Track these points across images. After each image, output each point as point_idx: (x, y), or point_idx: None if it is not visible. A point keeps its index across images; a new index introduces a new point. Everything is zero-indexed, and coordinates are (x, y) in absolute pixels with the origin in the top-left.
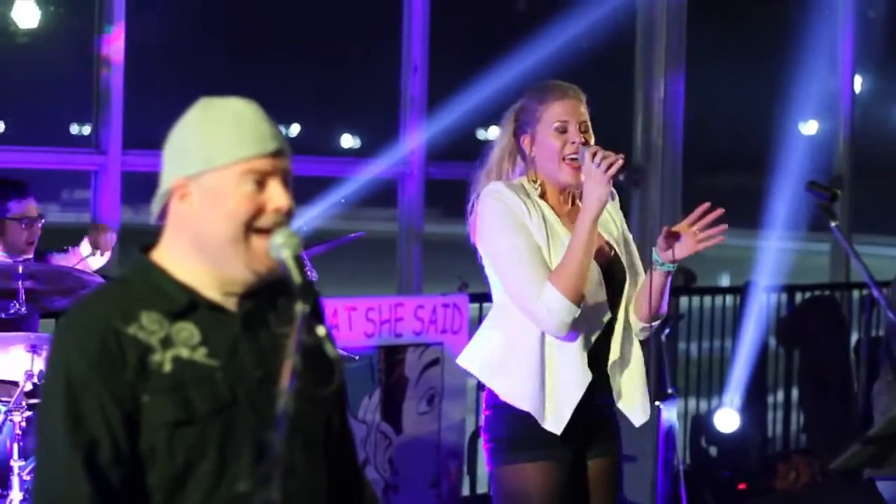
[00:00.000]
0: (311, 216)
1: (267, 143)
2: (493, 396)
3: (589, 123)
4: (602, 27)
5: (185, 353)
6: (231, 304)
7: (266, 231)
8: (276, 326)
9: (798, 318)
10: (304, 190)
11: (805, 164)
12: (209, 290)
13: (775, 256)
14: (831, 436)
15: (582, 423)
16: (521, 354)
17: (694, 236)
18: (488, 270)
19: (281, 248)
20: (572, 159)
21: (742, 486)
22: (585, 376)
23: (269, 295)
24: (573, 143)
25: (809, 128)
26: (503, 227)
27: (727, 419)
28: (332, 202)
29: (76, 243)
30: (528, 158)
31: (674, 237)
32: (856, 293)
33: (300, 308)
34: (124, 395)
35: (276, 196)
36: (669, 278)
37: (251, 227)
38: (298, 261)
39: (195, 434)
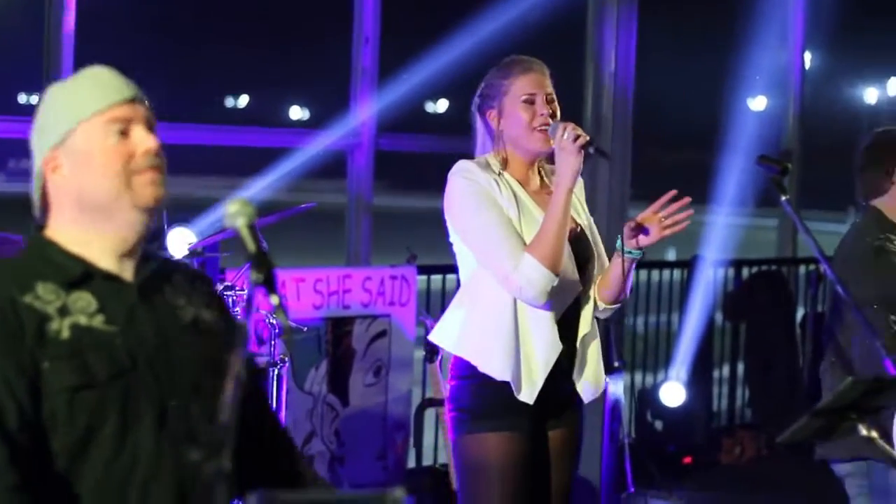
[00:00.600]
0: (261, 187)
1: (123, 91)
2: (459, 367)
3: (554, 95)
4: (553, 0)
5: (82, 320)
6: (127, 272)
7: (142, 171)
8: (172, 298)
9: (745, 293)
10: (253, 161)
11: (754, 140)
12: (103, 258)
13: (723, 231)
14: (776, 411)
15: (548, 394)
16: (495, 327)
17: (660, 223)
18: (458, 248)
19: (235, 216)
20: (542, 129)
21: (687, 460)
22: (556, 347)
23: (165, 269)
24: (542, 114)
25: (758, 103)
26: (475, 203)
27: (673, 393)
28: (281, 173)
29: None
30: (495, 133)
31: (639, 228)
32: (802, 268)
33: (253, 277)
34: (25, 363)
35: (142, 139)
36: (634, 264)
37: (127, 172)
38: (252, 230)
39: (95, 398)
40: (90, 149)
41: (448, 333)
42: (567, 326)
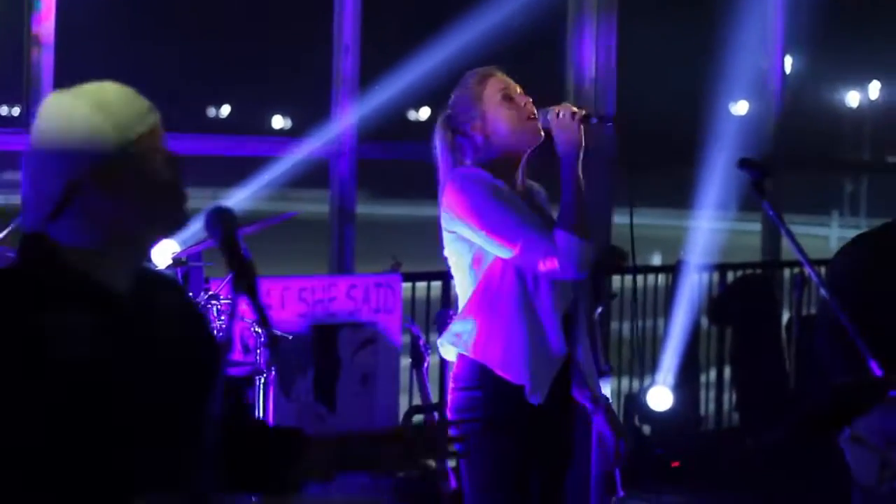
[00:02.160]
0: (243, 196)
1: (149, 117)
2: (465, 378)
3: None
4: (533, 8)
5: (89, 348)
6: (126, 290)
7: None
8: (165, 321)
9: (730, 297)
10: (235, 170)
11: (736, 144)
12: (111, 278)
13: (706, 235)
14: (763, 414)
15: (552, 396)
16: (512, 332)
17: None
18: (459, 257)
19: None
20: (532, 118)
21: (675, 464)
22: (562, 349)
23: (155, 288)
24: (525, 104)
25: (740, 108)
26: (490, 197)
27: (660, 397)
28: (263, 182)
29: None
30: (482, 144)
31: None
32: (787, 272)
33: (236, 286)
34: (45, 386)
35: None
36: None
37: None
38: (234, 238)
39: (102, 431)
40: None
41: (461, 343)
42: (567, 330)
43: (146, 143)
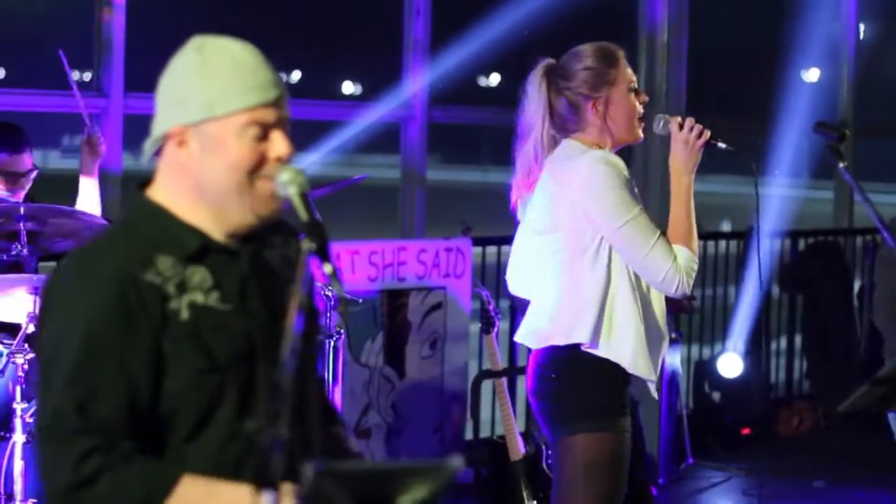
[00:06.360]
0: (313, 161)
1: (269, 92)
2: (565, 365)
3: None
4: None
5: (199, 298)
6: (234, 245)
7: (268, 178)
8: (276, 265)
9: (801, 264)
10: (305, 135)
11: (807, 112)
12: (214, 232)
13: (778, 202)
14: (834, 381)
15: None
16: (635, 323)
17: None
18: (583, 235)
19: (287, 184)
20: (641, 119)
21: (745, 431)
22: (666, 334)
23: (265, 234)
24: (642, 103)
25: (811, 75)
26: (626, 199)
27: (730, 365)
28: (333, 147)
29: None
30: (597, 125)
31: None
32: (859, 239)
33: (307, 246)
34: (146, 343)
35: (278, 144)
36: None
37: (254, 175)
38: (305, 198)
39: (217, 380)
40: (225, 140)
41: (572, 329)
42: None
43: (236, 122)
